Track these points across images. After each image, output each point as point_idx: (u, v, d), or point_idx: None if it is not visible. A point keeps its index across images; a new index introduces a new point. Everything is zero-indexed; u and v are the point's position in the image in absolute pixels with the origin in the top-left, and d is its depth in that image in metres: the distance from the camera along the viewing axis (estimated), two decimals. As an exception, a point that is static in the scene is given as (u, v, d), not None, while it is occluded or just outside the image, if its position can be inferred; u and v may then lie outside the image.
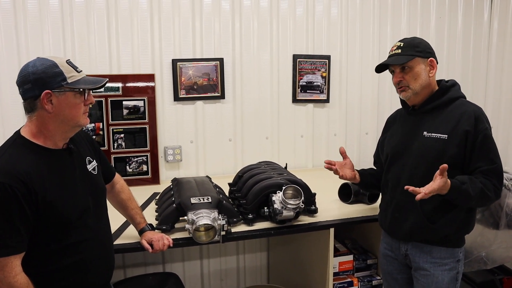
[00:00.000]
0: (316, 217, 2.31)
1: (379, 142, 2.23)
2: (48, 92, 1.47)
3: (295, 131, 3.39)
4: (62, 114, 1.51)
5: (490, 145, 1.86)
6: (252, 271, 3.38)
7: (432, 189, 1.73)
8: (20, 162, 1.46)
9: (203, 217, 1.96)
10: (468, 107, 1.89)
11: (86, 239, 1.61)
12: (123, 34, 2.92)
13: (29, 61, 1.53)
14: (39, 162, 1.50)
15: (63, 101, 1.50)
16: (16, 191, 1.40)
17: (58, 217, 1.51)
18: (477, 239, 2.96)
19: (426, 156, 1.90)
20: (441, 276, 1.95)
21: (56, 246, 1.53)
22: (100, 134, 2.91)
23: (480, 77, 3.78)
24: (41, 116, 1.51)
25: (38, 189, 1.45)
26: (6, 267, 1.43)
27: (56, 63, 1.51)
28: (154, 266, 3.10)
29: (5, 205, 1.40)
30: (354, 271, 2.57)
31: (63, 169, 1.57)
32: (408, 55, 1.91)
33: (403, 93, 1.95)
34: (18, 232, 1.44)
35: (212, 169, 3.19)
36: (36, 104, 1.49)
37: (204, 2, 3.05)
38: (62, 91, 1.50)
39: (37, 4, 2.74)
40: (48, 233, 1.50)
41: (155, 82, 2.99)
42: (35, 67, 1.49)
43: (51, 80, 1.48)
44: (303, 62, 3.28)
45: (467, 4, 3.64)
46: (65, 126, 1.55)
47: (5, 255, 1.43)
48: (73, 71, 1.54)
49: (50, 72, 1.49)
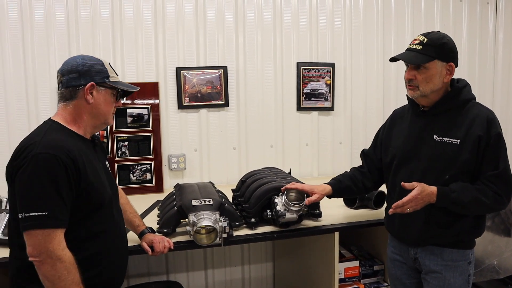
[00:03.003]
0: (320, 221, 2.27)
1: (381, 137, 2.13)
2: (93, 84, 1.59)
3: (300, 139, 3.37)
4: (97, 108, 1.63)
5: (499, 150, 1.79)
6: (258, 281, 3.32)
7: (407, 201, 1.76)
8: (64, 141, 1.52)
9: (204, 218, 1.93)
10: (481, 111, 1.83)
11: (111, 230, 1.66)
12: (128, 43, 2.96)
13: (76, 56, 1.66)
14: (76, 144, 1.56)
15: (101, 96, 1.63)
16: (67, 165, 1.46)
17: (94, 199, 1.57)
18: (488, 247, 2.89)
19: (437, 161, 1.83)
20: (452, 279, 1.88)
21: (85, 233, 1.56)
22: (104, 142, 2.91)
23: (486, 87, 3.75)
24: (78, 105, 1.61)
25: (82, 169, 1.51)
26: (55, 239, 1.44)
27: (102, 62, 1.66)
28: (158, 276, 3.06)
29: (57, 176, 1.45)
30: (361, 277, 2.51)
31: (93, 158, 1.64)
32: (427, 55, 1.79)
33: (410, 91, 1.87)
34: (65, 206, 1.47)
35: (216, 178, 3.17)
36: (77, 93, 1.59)
37: (208, 15, 3.09)
38: (103, 87, 1.63)
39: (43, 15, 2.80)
40: (80, 217, 1.54)
41: (159, 90, 3.01)
42: (85, 60, 1.62)
43: (97, 74, 1.61)
44: (307, 70, 3.28)
45: (472, 12, 3.64)
46: (96, 121, 1.66)
47: (56, 226, 1.45)
48: (114, 73, 1.69)
49: (98, 68, 1.62)
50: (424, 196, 1.77)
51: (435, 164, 1.84)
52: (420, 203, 1.78)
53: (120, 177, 2.95)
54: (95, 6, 2.88)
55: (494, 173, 1.77)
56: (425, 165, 1.87)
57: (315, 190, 2.09)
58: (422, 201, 1.78)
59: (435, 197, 1.78)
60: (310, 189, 2.10)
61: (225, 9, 3.11)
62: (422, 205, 1.79)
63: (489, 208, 1.84)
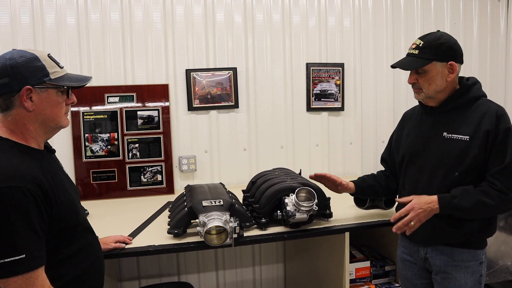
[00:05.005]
0: (330, 221, 2.26)
1: (393, 139, 2.16)
2: (29, 88, 1.33)
3: (310, 140, 3.36)
4: (43, 114, 1.38)
5: (507, 145, 1.76)
6: (269, 282, 3.32)
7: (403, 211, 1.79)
8: (23, 164, 1.31)
9: (214, 219, 1.93)
10: (490, 107, 1.81)
11: (91, 241, 1.55)
12: (137, 46, 2.98)
13: (5, 53, 1.37)
14: (35, 163, 1.35)
15: (44, 99, 1.37)
16: (35, 195, 1.27)
17: (69, 219, 1.41)
18: (501, 247, 2.86)
19: (447, 158, 1.82)
20: (463, 279, 1.86)
21: (67, 252, 1.41)
22: (115, 144, 2.93)
23: (498, 85, 3.71)
24: (19, 115, 1.36)
25: (50, 192, 1.33)
26: (37, 280, 1.27)
27: (37, 56, 1.37)
28: (169, 277, 3.08)
29: (28, 211, 1.25)
30: (372, 278, 2.49)
31: (54, 170, 1.44)
32: (424, 58, 1.81)
33: (416, 94, 1.90)
34: (41, 240, 1.29)
35: (226, 179, 3.17)
36: (13, 101, 1.34)
37: (217, 17, 3.10)
38: (44, 88, 1.37)
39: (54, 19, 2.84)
40: (59, 238, 1.37)
41: (169, 92, 3.03)
42: (13, 59, 1.33)
43: (33, 74, 1.34)
44: (316, 71, 3.27)
45: (482, 10, 3.61)
46: (46, 127, 1.42)
47: (36, 267, 1.27)
48: (56, 67, 1.41)
49: (32, 66, 1.35)
50: (423, 205, 1.77)
51: (444, 161, 1.83)
52: (421, 213, 1.77)
53: (131, 179, 2.97)
54: (105, 10, 2.91)
55: (499, 168, 1.75)
56: (434, 162, 1.86)
57: (342, 181, 2.17)
58: (423, 211, 1.77)
59: (437, 204, 1.77)
60: (338, 179, 2.17)
61: (234, 11, 3.12)
62: (426, 215, 1.78)
63: (496, 209, 1.81)
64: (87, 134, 2.89)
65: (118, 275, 3.01)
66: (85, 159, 2.90)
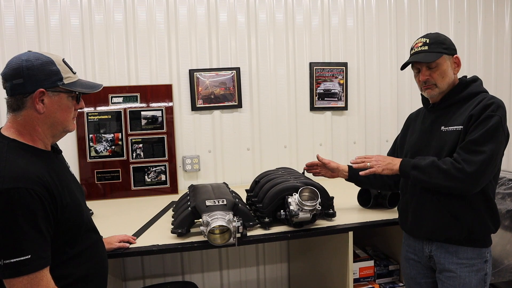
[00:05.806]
0: (334, 220, 2.26)
1: (397, 138, 2.19)
2: (42, 90, 1.36)
3: (313, 139, 3.36)
4: (52, 117, 1.41)
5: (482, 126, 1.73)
6: (273, 282, 3.32)
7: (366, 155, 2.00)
8: (30, 165, 1.33)
9: (217, 218, 1.93)
10: (486, 98, 1.81)
11: (96, 241, 1.57)
12: (141, 46, 3.00)
13: (21, 54, 1.40)
14: (42, 164, 1.38)
15: (55, 103, 1.40)
16: (41, 196, 1.29)
17: (74, 220, 1.43)
18: (506, 247, 2.84)
19: (444, 150, 1.84)
20: (468, 278, 1.86)
21: (72, 252, 1.43)
22: (119, 144, 2.95)
23: (504, 84, 3.70)
24: (29, 116, 1.39)
25: (56, 193, 1.35)
26: (42, 281, 1.28)
27: (53, 60, 1.40)
28: (173, 276, 3.08)
29: (34, 212, 1.27)
30: (376, 277, 2.49)
31: (60, 171, 1.46)
32: (436, 52, 1.85)
33: (428, 90, 1.89)
34: (46, 241, 1.31)
35: (230, 179, 3.18)
36: (25, 102, 1.37)
37: (220, 17, 3.11)
38: (57, 92, 1.40)
39: (59, 20, 2.85)
40: (64, 239, 1.40)
41: (172, 92, 3.03)
42: (30, 61, 1.36)
43: (47, 78, 1.37)
44: (320, 70, 3.27)
45: (487, 9, 3.59)
46: (54, 130, 1.44)
47: (41, 267, 1.28)
48: (70, 72, 1.44)
49: (47, 70, 1.38)
50: (384, 158, 1.98)
51: (443, 154, 1.85)
52: (380, 161, 1.95)
53: (135, 179, 2.98)
54: (109, 10, 2.92)
55: (463, 143, 1.75)
56: (434, 156, 1.87)
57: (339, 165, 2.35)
58: (382, 161, 1.95)
59: (398, 163, 1.91)
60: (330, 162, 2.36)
61: (237, 11, 3.13)
62: (383, 166, 1.94)
63: (448, 175, 1.75)
64: (91, 135, 2.91)
65: (122, 274, 3.03)
66: (90, 159, 2.92)
